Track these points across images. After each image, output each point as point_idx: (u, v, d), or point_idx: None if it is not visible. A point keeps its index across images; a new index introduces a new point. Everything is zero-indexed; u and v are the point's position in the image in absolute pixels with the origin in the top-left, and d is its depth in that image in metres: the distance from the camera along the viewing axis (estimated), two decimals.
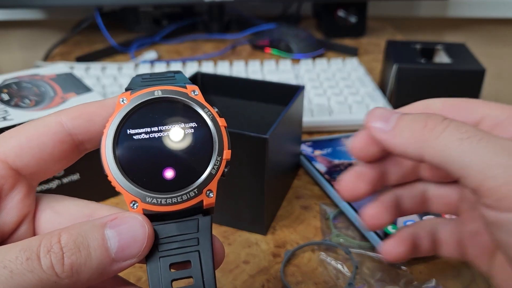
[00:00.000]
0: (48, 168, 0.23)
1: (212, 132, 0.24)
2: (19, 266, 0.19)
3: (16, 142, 0.22)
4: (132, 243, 0.21)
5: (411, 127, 0.23)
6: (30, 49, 1.05)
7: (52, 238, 0.20)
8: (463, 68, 0.60)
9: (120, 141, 0.23)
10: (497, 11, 1.09)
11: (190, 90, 0.24)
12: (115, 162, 0.22)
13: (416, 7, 1.10)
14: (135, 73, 0.70)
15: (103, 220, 0.21)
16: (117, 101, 0.24)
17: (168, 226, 0.23)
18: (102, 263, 0.20)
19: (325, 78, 0.69)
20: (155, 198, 0.22)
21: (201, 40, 0.94)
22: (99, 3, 0.85)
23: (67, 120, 0.23)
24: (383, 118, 0.24)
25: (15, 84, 0.47)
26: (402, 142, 0.23)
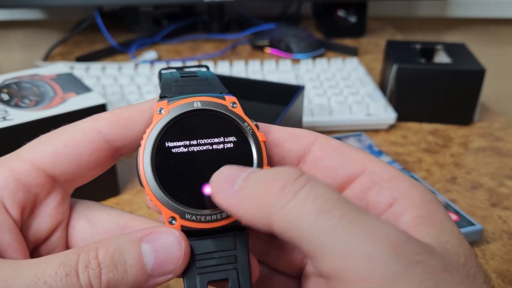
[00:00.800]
0: (84, 175, 0.23)
1: (252, 147, 0.23)
2: (59, 283, 0.19)
3: (53, 149, 0.22)
4: (168, 260, 0.20)
5: (258, 189, 0.19)
6: (30, 49, 1.05)
7: (89, 253, 0.20)
8: (463, 68, 0.60)
9: (158, 154, 0.22)
10: (497, 11, 1.09)
11: (229, 102, 0.24)
12: (153, 176, 0.22)
13: (416, 7, 1.10)
14: (135, 73, 0.70)
15: (138, 234, 0.21)
16: (155, 110, 0.23)
17: (206, 242, 0.22)
18: (138, 280, 0.20)
19: (325, 78, 0.69)
20: (194, 215, 0.22)
21: (201, 40, 0.94)
22: (99, 3, 0.85)
23: (103, 127, 0.23)
24: (228, 180, 0.20)
25: (15, 84, 0.47)
26: (247, 209, 0.19)
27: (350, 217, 0.17)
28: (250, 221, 0.19)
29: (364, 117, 0.60)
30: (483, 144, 0.59)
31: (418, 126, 0.63)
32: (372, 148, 0.55)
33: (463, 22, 1.13)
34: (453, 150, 0.57)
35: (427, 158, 0.55)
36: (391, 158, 0.52)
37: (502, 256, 0.41)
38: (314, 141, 0.23)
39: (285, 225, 0.18)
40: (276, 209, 0.18)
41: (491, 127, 0.62)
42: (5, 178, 0.21)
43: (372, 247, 0.17)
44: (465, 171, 0.53)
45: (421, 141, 0.59)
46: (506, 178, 0.52)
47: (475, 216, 0.46)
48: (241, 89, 0.50)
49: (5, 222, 0.21)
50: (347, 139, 0.57)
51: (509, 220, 0.45)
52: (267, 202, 0.19)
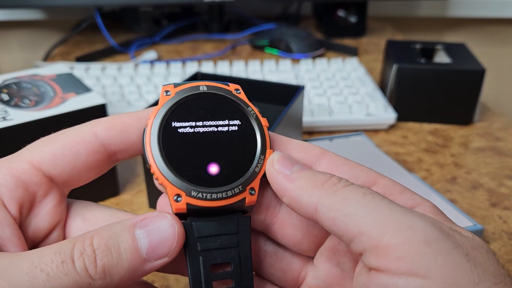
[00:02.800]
0: (81, 177, 0.24)
1: (256, 131, 0.24)
2: (55, 270, 0.19)
3: (51, 150, 0.23)
4: (162, 243, 0.21)
5: (312, 176, 0.22)
6: (30, 49, 1.05)
7: (84, 241, 0.20)
8: (463, 68, 0.60)
9: (165, 133, 0.22)
10: (497, 11, 1.09)
11: (233, 88, 0.25)
12: (160, 154, 0.22)
13: (416, 7, 1.10)
14: (135, 73, 0.70)
15: (133, 220, 0.21)
16: (161, 93, 0.24)
17: (208, 225, 0.22)
18: (133, 264, 0.20)
19: (325, 78, 0.69)
20: (200, 193, 0.22)
21: (201, 40, 0.94)
22: (99, 3, 0.85)
23: (101, 131, 0.23)
24: (285, 164, 0.23)
25: (15, 84, 0.47)
26: (299, 186, 0.21)
27: (390, 200, 0.20)
28: (297, 198, 0.21)
29: (364, 117, 0.60)
30: (483, 144, 0.59)
31: (418, 126, 0.63)
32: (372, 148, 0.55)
33: (463, 22, 1.13)
34: (453, 150, 0.57)
35: (427, 158, 0.55)
36: (391, 158, 0.52)
37: (502, 256, 0.41)
38: (323, 154, 0.24)
39: (333, 204, 0.20)
40: (327, 193, 0.21)
41: (491, 127, 0.62)
42: (4, 176, 0.22)
43: (411, 218, 0.19)
44: (465, 171, 0.53)
45: (421, 141, 0.59)
46: (506, 178, 0.52)
47: (475, 216, 0.46)
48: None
49: (5, 218, 0.21)
50: (347, 139, 0.57)
51: (509, 220, 0.45)
52: (320, 187, 0.21)
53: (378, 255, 0.19)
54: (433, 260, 0.18)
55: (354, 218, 0.20)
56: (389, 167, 0.50)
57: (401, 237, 0.18)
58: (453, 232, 0.19)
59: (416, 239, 0.18)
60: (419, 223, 0.19)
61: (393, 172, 0.49)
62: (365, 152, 0.53)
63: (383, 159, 0.52)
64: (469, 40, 1.11)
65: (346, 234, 0.20)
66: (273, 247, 0.25)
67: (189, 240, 0.22)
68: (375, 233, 0.19)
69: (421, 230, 0.19)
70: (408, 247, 0.18)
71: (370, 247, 0.19)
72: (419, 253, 0.18)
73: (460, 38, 1.13)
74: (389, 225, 0.19)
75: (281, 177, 0.22)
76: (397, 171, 0.49)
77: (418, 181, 0.48)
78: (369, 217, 0.19)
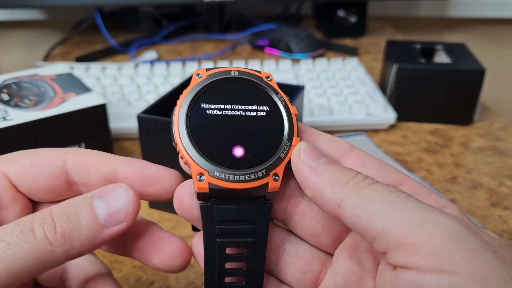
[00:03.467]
0: (39, 194, 0.25)
1: (284, 117, 0.24)
2: (15, 238, 0.20)
3: (21, 163, 0.24)
4: (119, 209, 0.22)
5: (338, 171, 0.22)
6: (30, 49, 1.05)
7: (44, 213, 0.21)
8: (463, 68, 0.60)
9: (193, 113, 0.23)
10: (497, 11, 1.09)
11: (265, 75, 0.25)
12: (187, 133, 0.22)
13: (416, 7, 1.10)
14: (135, 73, 0.70)
15: (91, 193, 0.22)
16: (193, 75, 0.24)
17: (229, 209, 0.23)
18: (92, 230, 0.21)
19: (325, 78, 0.69)
20: (223, 173, 0.22)
21: (201, 40, 0.94)
22: (99, 3, 0.85)
23: (69, 160, 0.24)
24: (311, 155, 0.22)
25: (15, 84, 0.47)
26: (324, 180, 0.21)
27: (415, 199, 0.20)
28: (321, 192, 0.21)
29: (364, 117, 0.60)
30: (483, 144, 0.59)
31: (418, 126, 0.63)
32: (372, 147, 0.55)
33: (463, 22, 1.13)
34: (453, 150, 0.57)
35: (427, 158, 0.55)
36: (391, 158, 0.52)
37: None
38: (351, 150, 0.24)
39: (357, 202, 0.20)
40: (352, 190, 0.20)
41: (491, 127, 0.62)
42: None
43: (437, 215, 0.19)
44: (465, 171, 0.53)
45: (421, 141, 0.59)
46: (506, 178, 0.52)
47: (475, 216, 0.46)
48: None
49: None
50: (347, 139, 0.57)
51: (509, 220, 0.45)
52: (345, 182, 0.21)
53: (404, 253, 0.19)
54: (461, 257, 0.18)
55: (379, 216, 0.19)
56: None
57: (428, 234, 0.18)
58: (480, 230, 0.19)
59: (443, 236, 0.18)
60: (445, 220, 0.19)
61: None
62: None
63: (383, 159, 0.52)
64: (469, 40, 1.11)
65: (369, 232, 0.20)
66: (293, 246, 0.25)
67: (207, 222, 0.22)
68: (400, 231, 0.19)
69: (448, 227, 0.19)
70: (435, 243, 0.18)
71: (395, 245, 0.19)
72: (447, 250, 0.18)
73: (460, 38, 1.13)
74: (415, 223, 0.19)
75: (306, 168, 0.22)
76: None
77: (418, 181, 0.48)
78: (394, 215, 0.19)
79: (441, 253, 0.18)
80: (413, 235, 0.18)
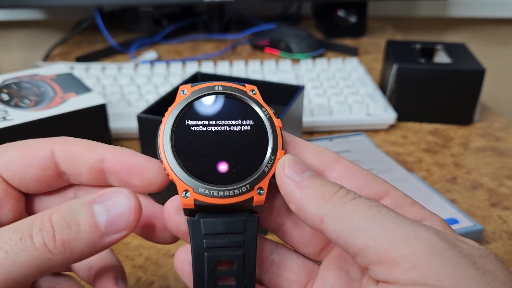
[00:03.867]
0: (30, 187, 0.24)
1: (268, 131, 0.24)
2: (14, 246, 0.19)
3: (8, 156, 0.24)
4: (120, 216, 0.21)
5: (322, 186, 0.22)
6: (30, 49, 1.05)
7: (43, 218, 0.21)
8: (463, 68, 0.60)
9: (178, 130, 0.23)
10: (497, 11, 1.09)
11: (249, 89, 0.25)
12: (171, 150, 0.23)
13: (416, 7, 1.10)
14: (135, 73, 0.70)
15: (91, 197, 0.22)
16: (178, 92, 0.24)
17: (216, 222, 0.23)
18: (92, 238, 0.21)
19: (325, 78, 0.69)
20: (207, 189, 0.22)
21: (201, 40, 0.94)
22: (99, 3, 0.85)
23: (57, 149, 0.24)
24: (295, 169, 0.22)
25: (15, 84, 0.47)
26: (307, 196, 0.21)
27: (396, 213, 0.20)
28: (304, 207, 0.21)
29: (364, 117, 0.60)
30: (483, 144, 0.59)
31: (418, 126, 0.63)
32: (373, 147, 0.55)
33: (463, 22, 1.13)
34: (453, 150, 0.57)
35: (427, 158, 0.55)
36: (391, 158, 0.52)
37: (502, 256, 0.41)
38: (338, 160, 0.24)
39: (339, 217, 0.20)
40: (334, 206, 0.21)
41: (491, 127, 0.62)
42: None
43: (417, 230, 0.19)
44: (465, 171, 0.53)
45: (421, 141, 0.59)
46: (506, 178, 0.52)
47: (475, 216, 0.46)
48: None
49: None
50: (347, 139, 0.57)
51: (509, 220, 0.45)
52: (328, 198, 0.21)
53: (386, 268, 0.19)
54: (442, 270, 0.18)
55: (360, 232, 0.20)
56: (389, 167, 0.50)
57: (409, 248, 0.18)
58: (459, 242, 0.20)
59: (423, 250, 0.18)
60: (425, 234, 0.19)
61: (393, 172, 0.49)
62: (365, 152, 0.53)
63: (383, 159, 0.52)
64: (469, 40, 1.11)
65: (352, 247, 0.20)
66: (281, 257, 0.25)
67: (195, 236, 0.22)
68: (381, 246, 0.19)
69: (428, 240, 0.19)
70: (416, 257, 0.18)
71: (377, 260, 0.19)
72: (428, 263, 0.18)
73: (460, 38, 1.13)
74: (395, 237, 0.19)
75: (290, 183, 0.22)
76: (397, 171, 0.49)
77: (418, 181, 0.48)
78: (375, 230, 0.19)
79: (423, 267, 0.18)
80: (394, 250, 0.19)
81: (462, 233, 0.41)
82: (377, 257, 0.19)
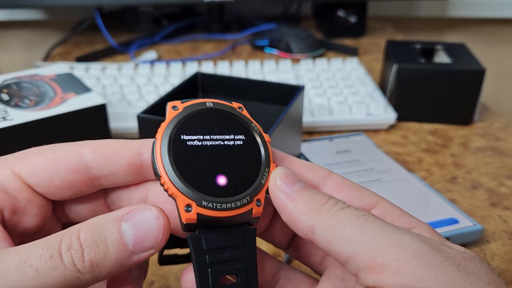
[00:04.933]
0: (57, 193, 0.24)
1: (260, 145, 0.24)
2: (44, 265, 0.19)
3: (33, 161, 0.23)
4: (148, 235, 0.21)
5: (311, 198, 0.22)
6: (30, 49, 1.05)
7: (72, 235, 0.20)
8: (463, 68, 0.60)
9: (174, 145, 0.23)
10: (497, 11, 1.09)
11: (236, 106, 0.26)
12: (171, 165, 0.22)
13: (416, 7, 1.10)
14: (135, 73, 0.70)
15: (119, 213, 0.21)
16: (169, 108, 0.24)
17: (216, 237, 0.23)
18: (120, 257, 0.21)
19: (325, 78, 0.69)
20: (211, 203, 0.22)
21: (201, 40, 0.94)
22: (99, 3, 0.85)
23: (87, 153, 0.24)
24: (287, 182, 0.23)
25: (15, 84, 0.47)
26: (298, 207, 0.22)
27: (382, 221, 0.21)
28: (295, 219, 0.22)
29: (364, 117, 0.60)
30: (483, 144, 0.59)
31: (418, 126, 0.63)
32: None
33: (463, 22, 1.13)
34: (453, 150, 0.57)
35: (427, 158, 0.55)
36: (391, 158, 0.52)
37: (502, 256, 0.41)
38: (329, 175, 0.25)
39: (328, 227, 0.21)
40: (323, 216, 0.21)
41: (491, 127, 0.62)
42: None
43: (401, 236, 0.20)
44: (465, 171, 0.53)
45: (421, 141, 0.59)
46: (506, 178, 0.52)
47: (475, 216, 0.46)
48: (241, 89, 0.50)
49: None
50: (347, 139, 0.57)
51: (509, 220, 0.45)
52: (318, 209, 0.22)
53: (373, 274, 0.20)
54: (426, 273, 0.19)
55: (348, 240, 0.20)
56: (389, 167, 0.50)
57: (393, 254, 0.19)
58: (444, 246, 0.20)
59: (407, 255, 0.19)
60: (409, 240, 0.20)
61: (393, 172, 0.49)
62: (365, 152, 0.53)
63: (383, 159, 0.52)
64: (469, 40, 1.11)
65: (341, 256, 0.21)
66: (285, 272, 0.27)
67: (197, 252, 0.22)
68: (368, 253, 0.20)
69: (411, 246, 0.20)
70: (400, 262, 0.19)
71: (365, 267, 0.20)
72: (412, 268, 0.19)
73: (460, 38, 1.13)
74: (381, 244, 0.20)
75: (282, 195, 0.23)
76: (397, 171, 0.49)
77: (418, 181, 0.48)
78: (362, 239, 0.20)
79: (407, 271, 0.19)
80: (380, 257, 0.19)
81: (462, 233, 0.41)
82: (365, 264, 0.20)
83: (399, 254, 0.19)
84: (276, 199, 0.23)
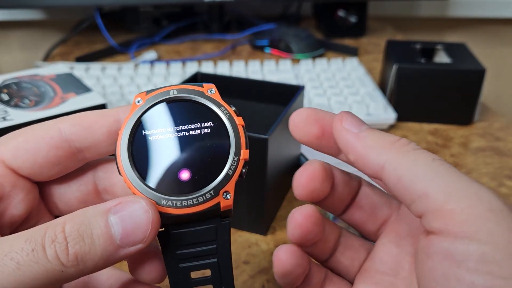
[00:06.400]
0: (43, 171, 0.24)
1: (229, 131, 0.23)
2: (25, 258, 0.19)
3: (14, 144, 0.23)
4: (136, 229, 0.20)
5: (381, 137, 0.22)
6: (30, 49, 1.05)
7: (56, 228, 0.20)
8: (463, 68, 0.60)
9: (135, 142, 0.22)
10: (497, 11, 1.09)
11: (207, 88, 0.24)
12: (130, 164, 0.22)
13: (416, 7, 1.10)
14: (135, 73, 0.70)
15: (107, 205, 0.21)
16: (133, 101, 0.23)
17: (186, 232, 0.22)
18: (107, 250, 0.20)
19: (325, 78, 0.69)
20: (170, 201, 0.22)
21: (201, 40, 0.94)
22: (99, 3, 0.85)
23: (65, 127, 0.23)
24: (353, 123, 0.23)
25: (15, 84, 0.47)
26: (367, 145, 0.22)
27: (458, 171, 0.20)
28: (364, 156, 0.22)
29: (364, 117, 0.60)
30: (483, 144, 0.59)
31: (418, 126, 0.63)
32: None
33: (463, 22, 1.13)
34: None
35: None
36: None
37: None
38: None
39: (401, 164, 0.20)
40: (396, 153, 0.21)
41: (491, 127, 0.62)
42: None
43: (479, 188, 0.19)
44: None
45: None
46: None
47: None
48: (241, 89, 0.50)
49: None
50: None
51: None
52: (389, 146, 0.21)
53: (440, 217, 0.19)
54: (496, 227, 0.18)
55: (421, 179, 0.20)
56: None
57: (467, 202, 0.19)
58: None
59: (481, 206, 0.19)
60: (486, 193, 0.19)
61: None
62: None
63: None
64: (469, 40, 1.11)
65: (410, 194, 0.20)
66: (344, 238, 0.27)
67: (168, 248, 0.22)
68: (440, 196, 0.19)
69: (487, 199, 0.19)
70: (472, 211, 0.19)
71: (433, 209, 0.19)
72: (482, 219, 0.18)
73: (460, 38, 1.13)
74: (455, 190, 0.19)
75: (349, 135, 0.22)
76: None
77: None
78: (436, 180, 0.20)
79: (476, 221, 0.18)
80: (452, 202, 0.19)
81: None
82: (434, 206, 0.19)
83: (473, 202, 0.19)
84: (343, 138, 0.23)
